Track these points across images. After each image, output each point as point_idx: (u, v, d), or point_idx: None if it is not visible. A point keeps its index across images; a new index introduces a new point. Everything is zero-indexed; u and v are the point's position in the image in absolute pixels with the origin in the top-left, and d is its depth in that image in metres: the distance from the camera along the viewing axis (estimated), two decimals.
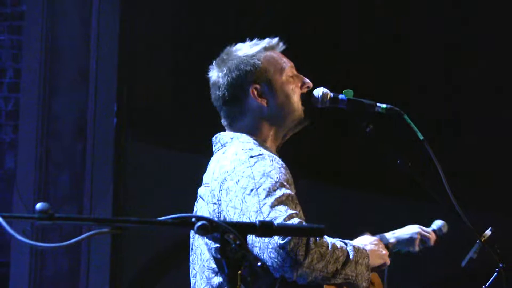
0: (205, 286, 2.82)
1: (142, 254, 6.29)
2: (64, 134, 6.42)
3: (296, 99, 2.98)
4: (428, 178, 3.21)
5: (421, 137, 3.20)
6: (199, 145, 3.12)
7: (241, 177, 2.69)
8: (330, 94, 3.10)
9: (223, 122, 3.02)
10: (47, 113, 6.38)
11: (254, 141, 2.89)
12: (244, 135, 2.92)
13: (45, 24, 6.39)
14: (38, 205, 1.94)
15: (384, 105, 3.18)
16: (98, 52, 6.39)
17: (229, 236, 2.03)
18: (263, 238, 2.55)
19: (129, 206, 6.32)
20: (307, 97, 3.05)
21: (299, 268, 2.58)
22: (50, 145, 6.40)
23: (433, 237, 3.35)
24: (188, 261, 2.96)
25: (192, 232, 2.88)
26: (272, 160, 2.75)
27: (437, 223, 3.43)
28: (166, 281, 6.06)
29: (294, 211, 2.63)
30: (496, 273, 3.36)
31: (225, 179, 2.73)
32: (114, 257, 6.37)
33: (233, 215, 2.67)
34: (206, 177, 2.88)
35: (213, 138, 2.99)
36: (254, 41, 3.02)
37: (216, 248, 2.64)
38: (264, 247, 2.59)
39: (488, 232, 3.40)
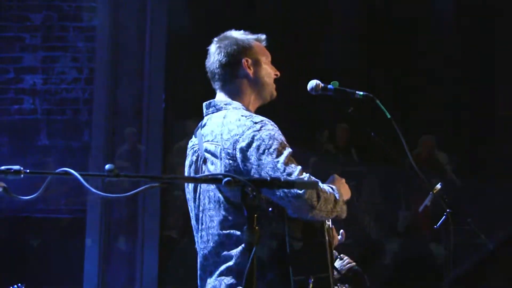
0: (221, 222, 2.71)
1: (184, 203, 6.30)
2: (125, 115, 6.43)
3: (270, 78, 2.90)
4: (397, 148, 3.18)
5: (389, 116, 3.17)
6: None
7: (252, 140, 2.62)
8: (321, 85, 3.07)
9: (216, 85, 2.91)
10: (113, 100, 6.40)
11: (243, 107, 2.81)
12: (234, 102, 2.82)
13: (111, 34, 6.40)
14: (107, 166, 1.93)
15: (361, 93, 3.11)
16: (151, 54, 6.40)
17: (248, 189, 2.02)
18: (285, 189, 2.52)
19: (174, 167, 6.32)
20: (306, 88, 3.01)
21: (314, 210, 2.56)
22: (115, 124, 6.42)
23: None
24: None
25: (191, 185, 2.85)
26: (272, 124, 2.68)
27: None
28: None
29: (300, 166, 2.60)
30: (444, 216, 3.36)
31: (237, 140, 2.64)
32: (162, 205, 6.40)
33: (250, 169, 2.61)
34: (209, 135, 2.77)
35: (206, 103, 2.89)
36: (247, 32, 2.93)
37: (233, 193, 2.57)
38: (285, 196, 2.56)
39: (438, 186, 3.39)
